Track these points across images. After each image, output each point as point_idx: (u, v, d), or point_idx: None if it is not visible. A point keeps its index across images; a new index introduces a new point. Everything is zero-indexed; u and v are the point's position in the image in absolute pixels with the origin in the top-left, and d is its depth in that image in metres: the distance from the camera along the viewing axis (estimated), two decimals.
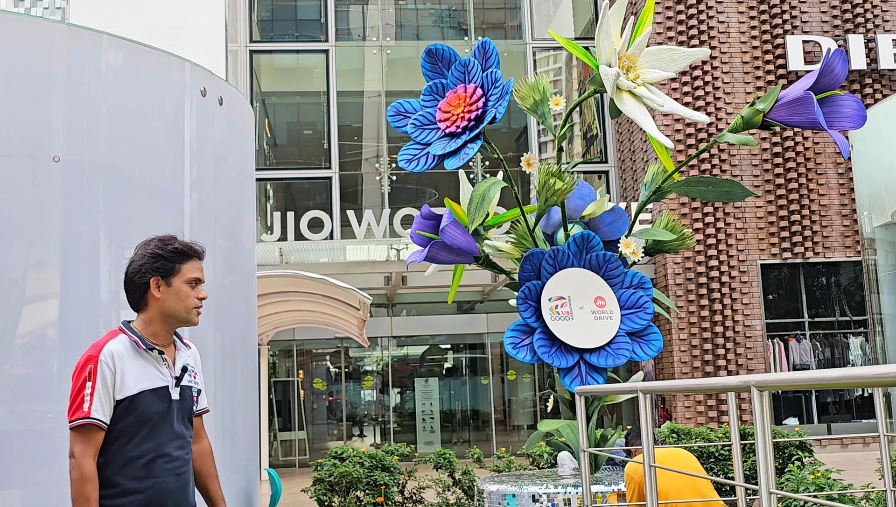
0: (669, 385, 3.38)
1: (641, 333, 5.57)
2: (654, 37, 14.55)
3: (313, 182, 17.17)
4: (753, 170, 14.38)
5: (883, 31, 14.81)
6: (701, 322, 13.99)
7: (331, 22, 16.92)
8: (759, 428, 2.57)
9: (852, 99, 5.18)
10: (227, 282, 5.83)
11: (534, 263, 5.57)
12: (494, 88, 5.29)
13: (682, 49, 5.65)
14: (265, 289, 9.79)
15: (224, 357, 5.50)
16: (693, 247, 14.01)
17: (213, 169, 5.45)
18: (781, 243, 14.32)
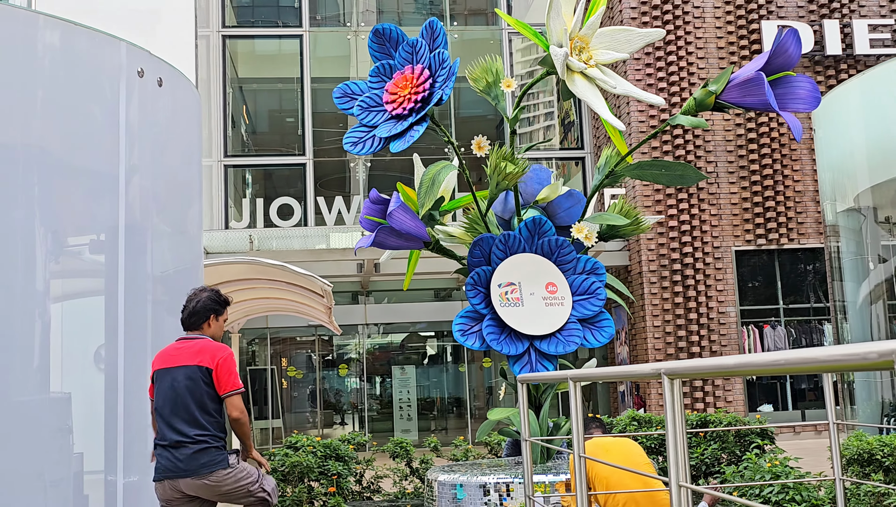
0: (594, 373, 3.28)
1: (593, 319, 5.47)
2: (628, 22, 14.44)
3: (290, 169, 17.02)
4: (728, 156, 14.30)
5: (858, 17, 14.73)
6: (675, 309, 13.92)
7: (305, 7, 16.72)
8: (670, 418, 2.47)
9: (806, 80, 5.07)
10: (173, 269, 5.70)
11: (483, 248, 5.46)
12: (442, 68, 5.17)
13: (636, 30, 5.52)
14: (230, 276, 9.65)
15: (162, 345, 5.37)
16: (667, 233, 13.94)
17: (156, 153, 5.30)
18: (756, 230, 14.26)
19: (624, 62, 14.60)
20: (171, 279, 5.73)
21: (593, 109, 5.36)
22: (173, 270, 5.82)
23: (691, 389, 13.76)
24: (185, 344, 4.57)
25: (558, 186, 5.90)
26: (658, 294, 13.94)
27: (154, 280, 5.49)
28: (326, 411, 18.16)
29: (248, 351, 17.10)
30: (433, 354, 18.69)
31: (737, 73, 5.08)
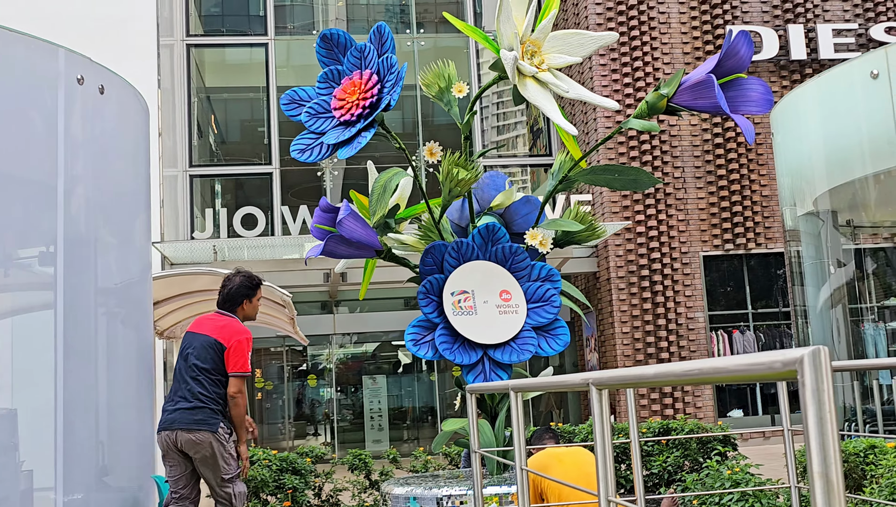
0: (532, 383, 3.19)
1: (548, 327, 5.38)
2: (593, 27, 14.42)
3: (259, 179, 16.87)
4: (695, 161, 14.30)
5: (823, 21, 14.80)
6: (644, 315, 13.89)
7: (270, 16, 16.60)
8: (598, 429, 2.38)
9: (758, 83, 5.02)
10: (118, 283, 5.56)
11: (436, 256, 5.36)
12: (390, 74, 5.07)
13: (589, 33, 5.46)
14: (192, 287, 9.51)
15: (112, 359, 5.23)
16: (635, 239, 13.91)
17: (99, 162, 5.17)
18: (724, 235, 14.26)
19: (590, 67, 14.59)
20: (122, 291, 5.60)
21: (545, 113, 5.29)
22: (123, 281, 5.68)
23: (661, 395, 13.73)
24: (217, 318, 5.23)
25: (513, 192, 5.82)
26: (626, 300, 13.90)
27: (105, 292, 5.36)
28: (298, 422, 17.97)
29: None
30: (405, 363, 18.56)
31: (688, 76, 5.02)
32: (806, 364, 1.32)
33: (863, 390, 7.31)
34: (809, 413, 1.30)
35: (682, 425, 7.13)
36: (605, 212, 14.09)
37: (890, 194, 5.91)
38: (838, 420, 5.45)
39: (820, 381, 1.29)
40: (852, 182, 6.28)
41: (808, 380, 1.30)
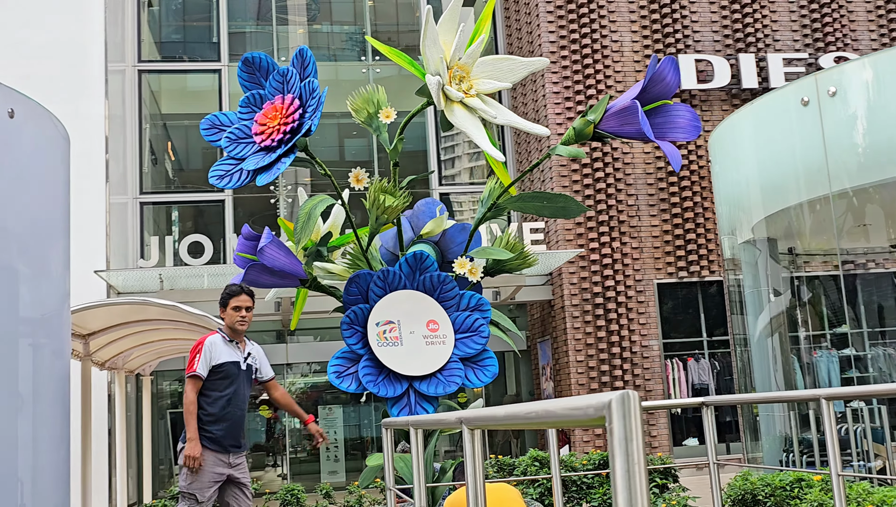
0: (399, 421, 3.07)
1: (476, 358, 5.25)
2: (547, 55, 14.43)
3: (212, 206, 16.65)
4: (648, 189, 14.31)
5: (773, 51, 14.93)
6: (598, 343, 13.80)
7: (223, 42, 16.48)
8: (470, 469, 2.25)
9: (686, 109, 4.95)
10: (32, 314, 5.35)
11: (360, 285, 5.22)
12: (311, 98, 4.96)
13: (519, 58, 5.38)
14: (131, 317, 9.27)
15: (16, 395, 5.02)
16: (589, 267, 13.85)
17: (8, 190, 4.99)
18: (678, 262, 14.25)
19: (543, 96, 14.58)
20: (37, 322, 5.40)
21: (472, 139, 5.18)
22: (37, 313, 5.47)
23: None
24: None
25: (443, 219, 5.69)
26: (581, 328, 13.82)
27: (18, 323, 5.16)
28: (254, 453, 17.65)
29: (168, 393, 16.58)
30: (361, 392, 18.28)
31: (614, 103, 4.95)
32: (614, 410, 1.20)
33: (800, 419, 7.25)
34: (617, 463, 1.17)
35: None
36: (558, 240, 14.04)
37: (822, 223, 5.88)
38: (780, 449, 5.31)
39: (628, 428, 1.16)
40: (787, 210, 6.24)
41: (615, 427, 1.18)
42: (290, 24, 19.85)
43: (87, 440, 8.85)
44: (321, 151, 19.07)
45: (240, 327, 5.67)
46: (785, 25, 15.14)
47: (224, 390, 5.55)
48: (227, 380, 5.57)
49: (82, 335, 8.83)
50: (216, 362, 5.57)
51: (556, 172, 14.07)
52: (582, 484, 6.87)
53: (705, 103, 14.50)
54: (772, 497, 4.96)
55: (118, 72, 15.25)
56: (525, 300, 14.83)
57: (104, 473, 12.62)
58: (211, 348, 5.60)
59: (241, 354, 5.72)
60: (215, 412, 5.51)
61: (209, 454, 5.50)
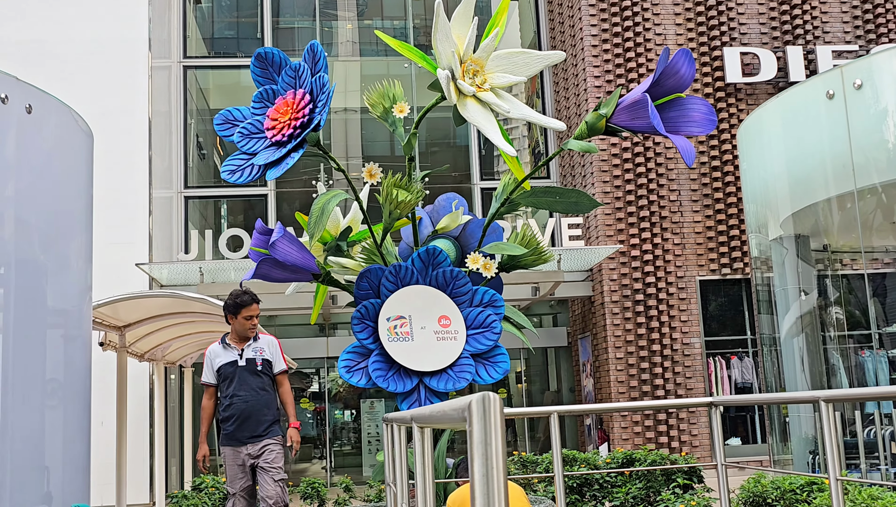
0: (395, 416, 3.03)
1: (487, 354, 5.20)
2: (589, 49, 14.28)
3: (255, 201, 16.83)
4: (692, 184, 14.09)
5: (822, 43, 14.59)
6: (638, 340, 13.64)
7: (267, 37, 16.62)
8: (419, 468, 2.22)
9: (701, 102, 4.85)
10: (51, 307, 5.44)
11: (372, 280, 5.21)
12: (322, 93, 4.96)
13: (535, 52, 5.31)
14: (165, 310, 9.38)
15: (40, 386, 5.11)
16: (630, 263, 13.69)
17: (27, 184, 5.08)
18: (721, 259, 14.01)
19: (585, 90, 14.43)
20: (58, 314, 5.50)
21: (485, 134, 5.14)
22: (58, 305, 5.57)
23: (655, 422, 13.45)
24: None
25: (459, 214, 5.66)
26: (621, 325, 13.67)
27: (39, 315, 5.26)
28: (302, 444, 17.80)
29: None
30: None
31: (625, 96, 4.86)
32: (474, 412, 1.16)
33: None
34: (475, 466, 1.14)
35: (646, 455, 6.91)
36: (599, 236, 13.90)
37: (850, 219, 5.71)
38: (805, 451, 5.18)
39: (488, 431, 1.13)
40: (814, 206, 6.07)
41: (475, 429, 1.14)
42: (339, 19, 19.93)
43: (122, 430, 9.00)
44: (373, 145, 19.14)
45: (249, 334, 6.09)
46: (835, 17, 14.77)
47: (227, 390, 5.99)
48: (227, 380, 6.01)
49: (118, 327, 8.96)
50: (216, 366, 6.07)
51: (596, 166, 13.93)
52: (605, 482, 6.78)
53: (751, 97, 14.22)
54: (781, 500, 4.84)
55: (163, 68, 15.47)
56: (566, 296, 14.72)
57: (146, 462, 12.85)
58: (211, 356, 6.12)
59: (237, 351, 6.07)
60: (224, 411, 5.99)
61: (228, 450, 5.98)
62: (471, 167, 16.59)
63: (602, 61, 14.30)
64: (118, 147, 13.74)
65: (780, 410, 6.73)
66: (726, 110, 14.24)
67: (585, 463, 7.16)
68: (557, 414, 3.74)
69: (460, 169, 17.43)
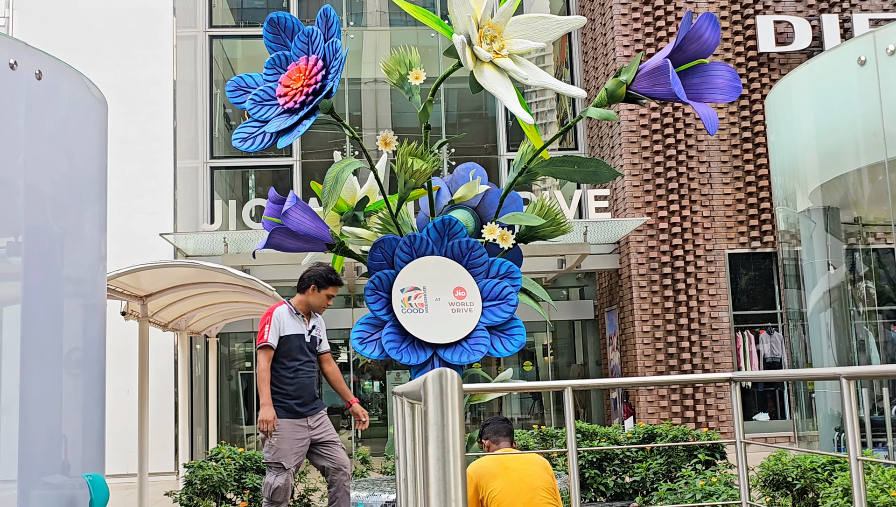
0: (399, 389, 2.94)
1: (503, 326, 5.10)
2: (618, 18, 14.01)
3: (281, 171, 16.81)
4: (722, 156, 13.84)
5: (859, 11, 14.21)
6: (665, 314, 13.48)
7: (294, 6, 16.52)
8: (400, 442, 2.13)
9: (725, 69, 4.68)
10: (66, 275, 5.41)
11: (385, 250, 5.12)
12: (335, 59, 4.85)
13: (554, 17, 5.16)
14: (188, 280, 9.38)
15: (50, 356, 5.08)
16: (658, 236, 13.51)
17: (37, 151, 5.03)
18: (750, 232, 13.78)
19: (614, 59, 14.19)
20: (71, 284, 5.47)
21: (502, 101, 5.00)
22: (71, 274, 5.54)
23: (681, 397, 13.31)
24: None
25: (476, 183, 5.54)
26: (648, 299, 13.51)
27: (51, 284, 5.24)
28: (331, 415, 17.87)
29: (238, 354, 16.88)
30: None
31: (646, 62, 4.70)
32: (429, 390, 1.07)
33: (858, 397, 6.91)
34: (430, 449, 1.04)
35: (668, 430, 6.80)
36: (626, 208, 13.72)
37: (881, 191, 5.51)
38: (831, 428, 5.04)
39: (444, 411, 1.03)
40: (844, 176, 5.88)
41: (430, 410, 1.05)
42: None
43: (143, 399, 9.03)
44: (403, 116, 18.99)
45: (320, 311, 5.87)
46: None
47: (290, 362, 5.63)
48: (293, 352, 5.66)
49: (140, 297, 8.97)
50: (283, 333, 5.66)
51: (625, 137, 13.71)
52: (626, 457, 6.68)
53: (784, 67, 13.90)
54: (801, 479, 4.69)
55: (189, 38, 15.41)
56: (593, 269, 14.57)
57: (171, 431, 12.94)
58: (280, 318, 5.69)
59: (307, 326, 5.79)
60: (286, 383, 5.61)
61: (287, 422, 5.56)
62: (497, 138, 16.43)
63: (632, 30, 14.04)
64: (144, 117, 13.74)
65: (805, 386, 6.58)
66: (759, 80, 13.94)
67: (606, 438, 7.06)
68: (571, 388, 3.64)
69: (491, 140, 17.27)
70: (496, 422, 4.88)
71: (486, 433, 4.86)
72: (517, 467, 4.45)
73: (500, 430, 4.83)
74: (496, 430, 4.84)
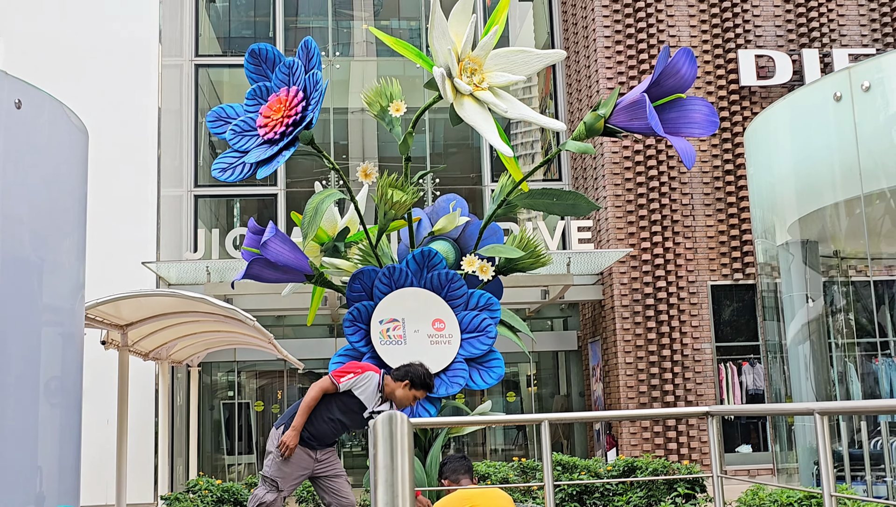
0: None
1: (481, 359, 5.10)
2: (602, 50, 14.14)
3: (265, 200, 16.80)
4: (704, 188, 13.93)
5: (839, 46, 14.39)
6: (648, 345, 13.49)
7: (279, 38, 16.60)
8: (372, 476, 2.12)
9: (702, 103, 4.73)
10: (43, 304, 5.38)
11: (364, 281, 5.12)
12: (315, 90, 4.87)
13: (534, 51, 5.21)
14: (168, 309, 9.33)
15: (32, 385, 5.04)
16: (640, 267, 13.54)
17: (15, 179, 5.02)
18: (733, 264, 13.84)
19: (598, 91, 14.30)
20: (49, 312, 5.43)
21: (482, 134, 5.04)
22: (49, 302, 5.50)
23: (664, 429, 13.30)
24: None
25: (456, 216, 5.56)
26: (631, 330, 13.52)
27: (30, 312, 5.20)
28: None
29: (220, 383, 16.77)
30: None
31: (624, 96, 4.75)
32: (379, 434, 1.07)
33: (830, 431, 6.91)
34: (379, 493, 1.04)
35: (648, 463, 6.78)
36: (609, 239, 13.76)
37: (857, 225, 5.56)
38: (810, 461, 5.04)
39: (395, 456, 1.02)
40: (822, 210, 5.93)
41: (380, 453, 1.04)
42: (354, 18, 19.89)
43: (122, 429, 8.95)
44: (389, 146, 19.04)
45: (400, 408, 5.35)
46: (852, 19, 14.57)
47: (333, 414, 5.35)
48: (342, 409, 5.35)
49: (120, 326, 8.92)
50: (356, 391, 5.30)
51: (608, 169, 13.79)
52: (606, 490, 6.66)
53: (765, 100, 14.04)
54: None
55: (175, 66, 15.45)
56: (576, 300, 14.58)
57: (150, 461, 12.81)
58: (367, 382, 5.29)
59: (376, 405, 5.41)
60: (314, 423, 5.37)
61: (301, 451, 5.42)
62: (482, 169, 16.50)
63: (615, 63, 14.16)
64: (128, 145, 13.73)
65: (785, 418, 6.59)
66: (740, 113, 14.07)
67: (586, 470, 7.03)
68: (548, 422, 3.63)
69: (477, 170, 17.33)
70: (454, 460, 4.85)
71: (444, 473, 4.83)
72: (482, 503, 4.42)
73: (458, 468, 4.81)
74: (454, 469, 4.81)
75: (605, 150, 13.93)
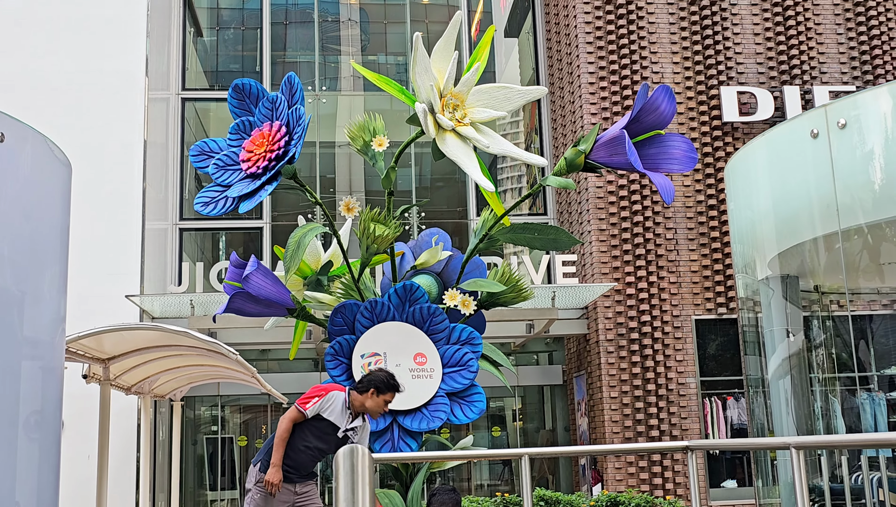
0: None
1: (463, 393, 5.10)
2: (586, 86, 14.28)
3: (251, 233, 16.79)
4: (688, 223, 14.02)
5: (820, 83, 14.58)
6: (633, 379, 13.50)
7: (266, 72, 16.70)
8: None
9: (681, 139, 4.78)
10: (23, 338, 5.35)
11: (346, 315, 5.12)
12: (297, 125, 4.91)
13: (516, 87, 5.26)
14: (151, 342, 9.29)
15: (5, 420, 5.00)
16: (625, 302, 13.58)
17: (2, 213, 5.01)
18: (717, 299, 13.90)
19: (582, 127, 14.42)
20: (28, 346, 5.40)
21: (464, 169, 5.07)
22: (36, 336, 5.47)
23: (649, 463, 13.27)
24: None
25: (438, 250, 5.59)
26: (615, 364, 13.53)
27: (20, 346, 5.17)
28: None
29: (203, 418, 16.65)
30: None
31: (604, 132, 4.80)
32: (340, 468, 1.08)
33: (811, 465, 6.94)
34: None
35: (630, 498, 6.76)
36: (594, 273, 13.81)
37: (836, 260, 5.62)
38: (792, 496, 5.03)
39: (355, 491, 1.04)
40: (801, 246, 5.99)
41: (341, 487, 1.05)
42: (341, 53, 20.03)
43: (103, 464, 8.87)
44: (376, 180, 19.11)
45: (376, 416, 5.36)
46: (833, 57, 14.78)
47: (306, 441, 5.50)
48: (320, 436, 5.50)
49: (102, 359, 8.87)
50: (323, 413, 5.46)
51: (592, 203, 13.87)
52: None
53: (748, 136, 14.18)
54: None
55: (161, 100, 15.51)
56: (561, 334, 14.59)
57: (132, 497, 12.68)
58: (332, 402, 5.46)
59: (347, 423, 5.55)
60: (290, 453, 5.50)
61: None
62: (468, 202, 16.57)
63: (599, 98, 14.30)
64: (113, 178, 13.74)
65: (767, 453, 6.63)
66: (723, 149, 14.21)
67: (569, 505, 7.01)
68: (528, 456, 3.63)
69: (463, 204, 17.39)
70: (442, 493, 4.85)
71: (432, 505, 4.81)
72: None
73: (445, 502, 4.80)
74: (442, 502, 4.80)
75: (589, 184, 14.02)
